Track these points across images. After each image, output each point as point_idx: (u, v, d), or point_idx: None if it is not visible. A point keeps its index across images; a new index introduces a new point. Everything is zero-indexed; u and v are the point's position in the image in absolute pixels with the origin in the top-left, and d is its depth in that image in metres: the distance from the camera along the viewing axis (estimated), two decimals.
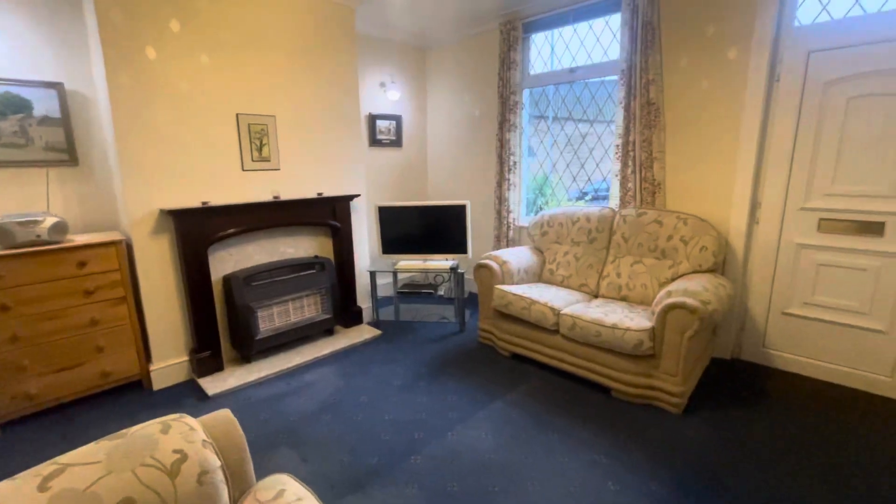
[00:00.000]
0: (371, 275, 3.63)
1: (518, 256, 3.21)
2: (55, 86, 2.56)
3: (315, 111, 3.20)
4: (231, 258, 2.93)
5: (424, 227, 3.66)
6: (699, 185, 2.87)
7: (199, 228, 2.67)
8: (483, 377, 2.74)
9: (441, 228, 3.62)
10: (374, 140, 4.17)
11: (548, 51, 3.76)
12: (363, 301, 3.71)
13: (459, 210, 3.54)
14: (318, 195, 3.24)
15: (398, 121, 4.32)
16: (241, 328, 2.84)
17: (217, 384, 2.67)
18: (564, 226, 3.24)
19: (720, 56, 2.67)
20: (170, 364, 2.73)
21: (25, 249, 2.20)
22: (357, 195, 3.46)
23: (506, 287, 2.94)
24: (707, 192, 2.85)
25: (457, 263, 3.57)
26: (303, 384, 2.71)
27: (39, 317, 2.28)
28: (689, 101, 2.83)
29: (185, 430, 0.93)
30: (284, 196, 3.09)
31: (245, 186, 2.91)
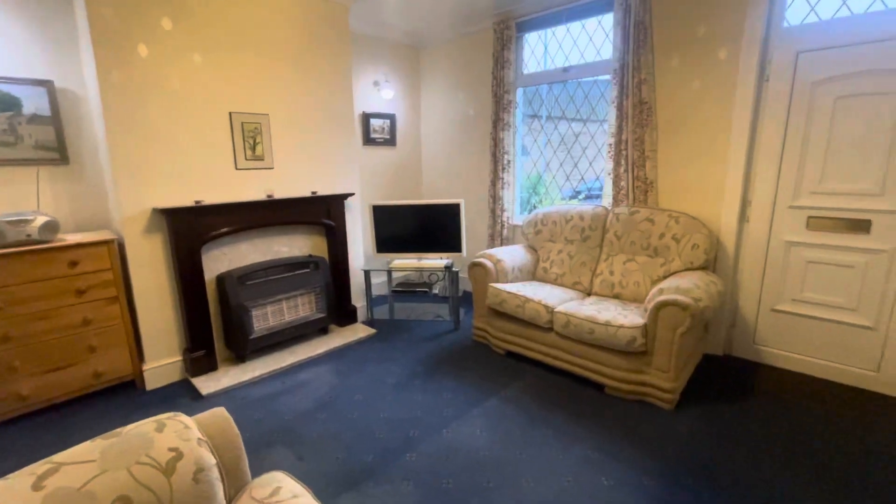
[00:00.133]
0: (365, 273, 3.63)
1: (512, 255, 3.22)
2: (45, 83, 2.53)
3: (309, 110, 3.19)
4: (225, 257, 2.92)
5: (419, 226, 3.66)
6: (691, 184, 2.90)
7: (193, 227, 2.65)
8: (477, 375, 2.75)
9: (435, 227, 3.63)
10: (368, 139, 4.16)
11: (541, 50, 3.77)
12: (358, 300, 3.71)
13: (454, 209, 3.55)
14: (312, 194, 3.23)
15: (392, 119, 4.32)
16: (235, 327, 2.83)
17: (211, 384, 2.66)
18: (558, 224, 3.26)
19: (711, 56, 2.70)
20: (163, 364, 2.71)
21: (16, 249, 2.18)
22: (351, 194, 3.46)
23: (500, 285, 2.95)
24: (698, 191, 2.87)
25: (451, 262, 3.58)
26: (297, 383, 2.71)
27: (31, 317, 2.26)
28: (681, 101, 2.86)
29: (180, 429, 0.93)
30: (278, 195, 3.08)
31: (238, 185, 2.90)
